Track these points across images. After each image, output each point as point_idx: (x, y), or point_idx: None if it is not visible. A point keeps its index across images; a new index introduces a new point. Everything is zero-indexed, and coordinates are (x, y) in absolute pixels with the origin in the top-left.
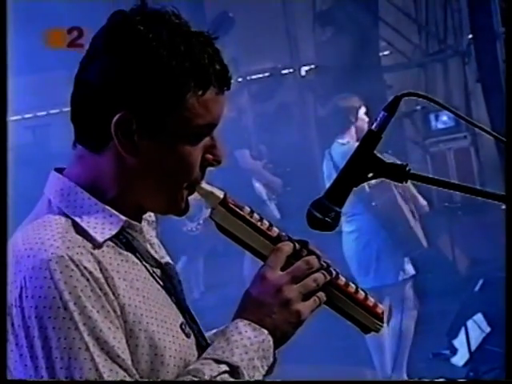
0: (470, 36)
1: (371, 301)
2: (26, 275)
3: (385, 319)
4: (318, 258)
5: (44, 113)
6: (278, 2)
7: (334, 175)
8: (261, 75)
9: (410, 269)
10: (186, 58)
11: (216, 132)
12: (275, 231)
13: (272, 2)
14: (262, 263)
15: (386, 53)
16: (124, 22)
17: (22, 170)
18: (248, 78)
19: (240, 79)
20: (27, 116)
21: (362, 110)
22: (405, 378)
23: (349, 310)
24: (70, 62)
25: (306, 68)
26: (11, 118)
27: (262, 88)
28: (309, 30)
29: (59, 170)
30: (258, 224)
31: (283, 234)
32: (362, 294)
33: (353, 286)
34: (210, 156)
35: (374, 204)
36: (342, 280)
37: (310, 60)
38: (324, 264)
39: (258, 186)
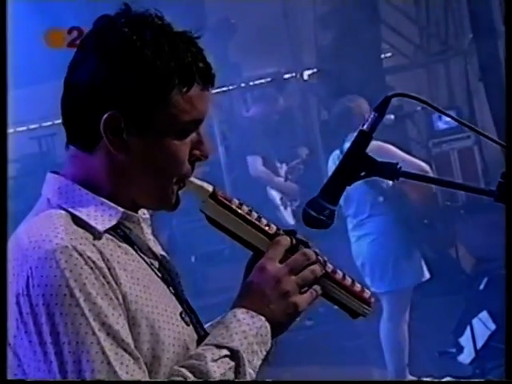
0: (471, 35)
1: (358, 286)
2: (32, 265)
3: (372, 304)
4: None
5: (49, 123)
6: (279, 6)
7: None
8: (263, 80)
9: (426, 272)
10: (170, 57)
11: (202, 128)
12: (264, 222)
13: (273, 7)
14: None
15: (387, 55)
16: (109, 25)
17: (28, 180)
18: (250, 83)
19: (243, 84)
20: (32, 126)
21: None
22: (408, 376)
23: (336, 296)
24: None
25: (309, 72)
26: (17, 129)
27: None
28: (310, 33)
29: (55, 173)
30: (247, 216)
31: (272, 225)
32: (348, 280)
33: (340, 272)
34: (197, 151)
35: (380, 200)
36: (330, 267)
37: (312, 64)
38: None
39: (272, 191)
